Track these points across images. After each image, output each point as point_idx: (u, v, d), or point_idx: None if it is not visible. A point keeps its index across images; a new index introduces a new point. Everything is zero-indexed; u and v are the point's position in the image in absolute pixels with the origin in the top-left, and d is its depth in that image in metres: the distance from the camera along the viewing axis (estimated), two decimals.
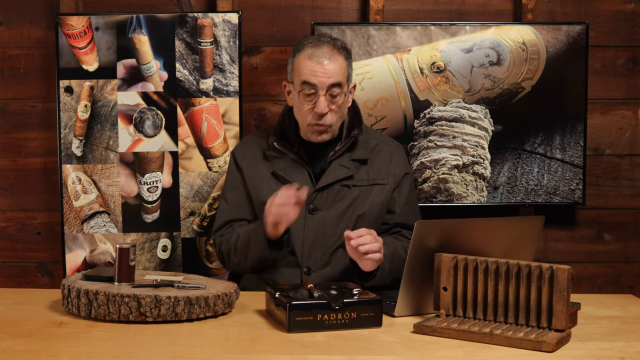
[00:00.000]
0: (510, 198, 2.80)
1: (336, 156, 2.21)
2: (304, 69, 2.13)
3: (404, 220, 2.23)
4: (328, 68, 2.12)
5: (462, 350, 1.63)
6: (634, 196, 2.94)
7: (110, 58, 2.71)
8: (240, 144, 2.40)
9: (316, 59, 2.13)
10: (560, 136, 2.79)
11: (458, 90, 2.77)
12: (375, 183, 2.21)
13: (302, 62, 2.15)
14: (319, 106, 2.11)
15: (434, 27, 2.77)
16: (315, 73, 2.11)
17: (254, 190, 2.24)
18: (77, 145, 2.72)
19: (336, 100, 2.14)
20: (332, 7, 2.89)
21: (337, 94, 2.13)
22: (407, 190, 2.26)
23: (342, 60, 2.16)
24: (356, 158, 2.21)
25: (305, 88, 2.13)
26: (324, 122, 2.14)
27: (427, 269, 1.83)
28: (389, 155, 2.26)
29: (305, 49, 2.16)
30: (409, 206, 2.25)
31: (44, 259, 2.92)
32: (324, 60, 2.12)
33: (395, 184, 2.24)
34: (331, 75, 2.12)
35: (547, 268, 1.65)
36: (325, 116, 2.13)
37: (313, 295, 1.79)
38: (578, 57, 2.77)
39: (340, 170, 2.19)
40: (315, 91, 2.12)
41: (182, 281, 1.93)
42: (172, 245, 2.74)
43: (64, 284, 1.87)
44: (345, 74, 2.17)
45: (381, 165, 2.24)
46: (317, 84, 2.11)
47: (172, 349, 1.62)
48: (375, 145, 2.27)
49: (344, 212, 2.18)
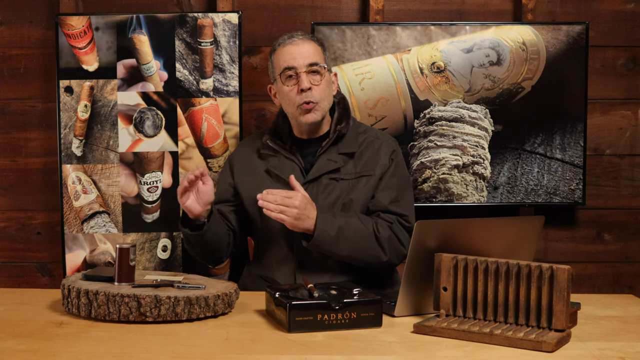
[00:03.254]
0: (510, 198, 2.80)
1: (323, 150, 2.25)
2: (282, 56, 2.24)
3: (381, 205, 2.23)
4: (303, 50, 2.23)
5: (462, 350, 1.63)
6: (634, 196, 2.94)
7: (110, 58, 2.71)
8: (236, 148, 2.45)
9: (290, 45, 2.24)
10: (560, 136, 2.79)
11: (458, 90, 2.77)
12: (362, 175, 2.24)
13: (279, 53, 2.26)
14: (302, 82, 2.19)
15: (434, 27, 2.77)
16: (293, 55, 2.22)
17: (248, 188, 2.28)
18: (77, 145, 2.72)
19: (317, 79, 2.21)
20: (332, 7, 2.89)
21: (317, 72, 2.22)
22: (388, 175, 2.26)
23: (315, 45, 2.26)
24: (343, 152, 2.25)
25: (287, 72, 2.22)
26: (310, 98, 2.20)
27: (427, 269, 1.83)
28: (377, 148, 2.28)
29: (280, 44, 2.27)
30: (386, 190, 2.24)
31: (44, 259, 2.92)
32: (298, 43, 2.24)
33: (382, 173, 2.25)
34: (308, 56, 2.22)
35: (547, 268, 1.65)
36: (310, 91, 2.20)
37: (313, 295, 1.79)
38: (578, 57, 2.77)
39: (328, 164, 2.23)
40: (296, 73, 2.21)
41: (182, 281, 1.93)
42: (172, 245, 2.74)
43: (64, 284, 1.87)
44: (322, 56, 2.26)
45: (369, 158, 2.26)
46: (295, 65, 2.21)
47: (172, 349, 1.62)
48: (365, 139, 2.30)
49: (332, 204, 2.20)
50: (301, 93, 2.19)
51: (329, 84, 2.26)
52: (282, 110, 2.33)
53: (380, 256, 2.16)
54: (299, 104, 2.20)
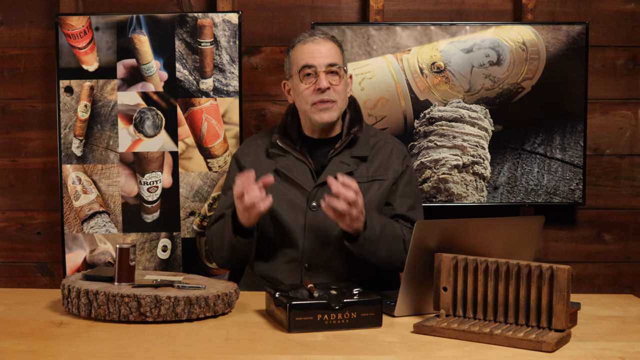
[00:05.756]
0: (510, 198, 2.80)
1: (336, 153, 2.23)
2: (301, 54, 2.22)
3: (400, 211, 2.23)
4: (324, 50, 2.21)
5: (462, 350, 1.63)
6: (634, 196, 2.94)
7: (110, 58, 2.71)
8: (242, 145, 2.42)
9: (311, 43, 2.22)
10: (560, 136, 2.79)
11: (458, 90, 2.77)
12: (375, 179, 2.23)
13: (299, 50, 2.24)
14: (320, 82, 2.18)
15: (434, 27, 2.77)
16: (313, 54, 2.20)
17: None
18: (77, 145, 2.72)
19: (336, 79, 2.21)
20: (332, 7, 2.89)
21: (336, 72, 2.20)
22: (404, 183, 2.26)
23: (335, 45, 2.25)
24: (356, 155, 2.24)
25: (305, 70, 2.20)
26: (328, 97, 2.19)
27: (427, 269, 1.83)
28: (389, 152, 2.28)
29: (300, 41, 2.25)
30: (403, 198, 2.24)
31: (44, 259, 2.92)
32: (319, 42, 2.22)
33: (395, 178, 2.25)
34: (328, 55, 2.21)
35: (547, 268, 1.65)
36: (328, 91, 2.19)
37: (313, 295, 1.79)
38: (578, 57, 2.77)
39: (340, 167, 2.21)
40: (315, 71, 2.19)
41: (182, 281, 1.93)
42: (172, 245, 2.74)
43: (64, 284, 1.87)
44: (341, 58, 2.25)
45: (381, 161, 2.25)
46: (315, 64, 2.19)
47: (172, 349, 1.61)
48: (376, 142, 2.28)
49: None
50: (318, 92, 2.18)
51: (346, 85, 2.25)
52: (291, 109, 2.31)
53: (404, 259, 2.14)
54: (314, 102, 2.19)
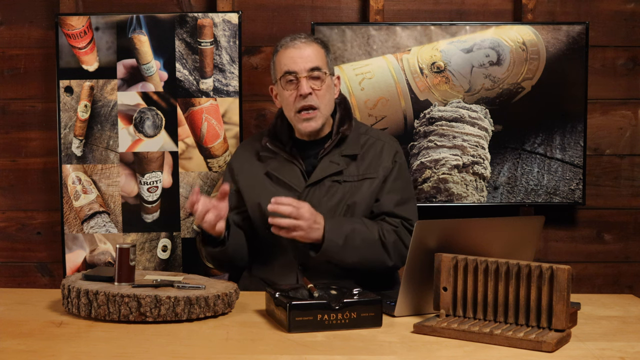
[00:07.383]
0: (510, 198, 2.80)
1: (326, 153, 2.23)
2: (283, 59, 2.22)
3: (386, 208, 2.22)
4: (305, 54, 2.20)
5: (462, 350, 1.63)
6: (634, 196, 2.94)
7: (110, 58, 2.71)
8: (235, 151, 2.42)
9: (292, 48, 2.22)
10: (560, 136, 2.79)
11: (458, 90, 2.77)
12: (366, 177, 2.22)
13: (281, 56, 2.23)
14: (302, 88, 2.17)
15: (434, 27, 2.77)
16: (294, 59, 2.20)
17: (248, 192, 2.26)
18: (77, 145, 2.72)
19: (318, 84, 2.19)
20: (332, 7, 2.89)
21: (317, 77, 2.19)
22: (392, 178, 2.25)
23: (318, 48, 2.24)
24: (346, 154, 2.24)
25: (287, 76, 2.20)
26: (310, 102, 2.18)
27: (427, 269, 1.83)
28: (379, 150, 2.27)
29: (282, 45, 2.25)
30: (391, 194, 2.23)
31: (44, 259, 2.92)
32: (300, 47, 2.21)
33: (385, 176, 2.24)
34: (309, 60, 2.19)
35: (547, 268, 1.65)
36: (310, 96, 2.18)
37: (313, 295, 1.79)
38: (578, 57, 2.77)
39: (330, 166, 2.21)
40: (297, 77, 2.19)
41: (182, 281, 1.93)
42: (172, 245, 2.74)
43: (64, 284, 1.87)
44: (324, 60, 2.23)
45: (371, 159, 2.25)
46: (296, 70, 2.19)
47: (172, 349, 1.61)
48: (367, 140, 2.28)
49: (335, 207, 2.19)
50: (300, 98, 2.18)
51: (330, 89, 2.24)
52: (281, 112, 2.31)
53: (386, 261, 2.15)
54: (298, 109, 2.19)
